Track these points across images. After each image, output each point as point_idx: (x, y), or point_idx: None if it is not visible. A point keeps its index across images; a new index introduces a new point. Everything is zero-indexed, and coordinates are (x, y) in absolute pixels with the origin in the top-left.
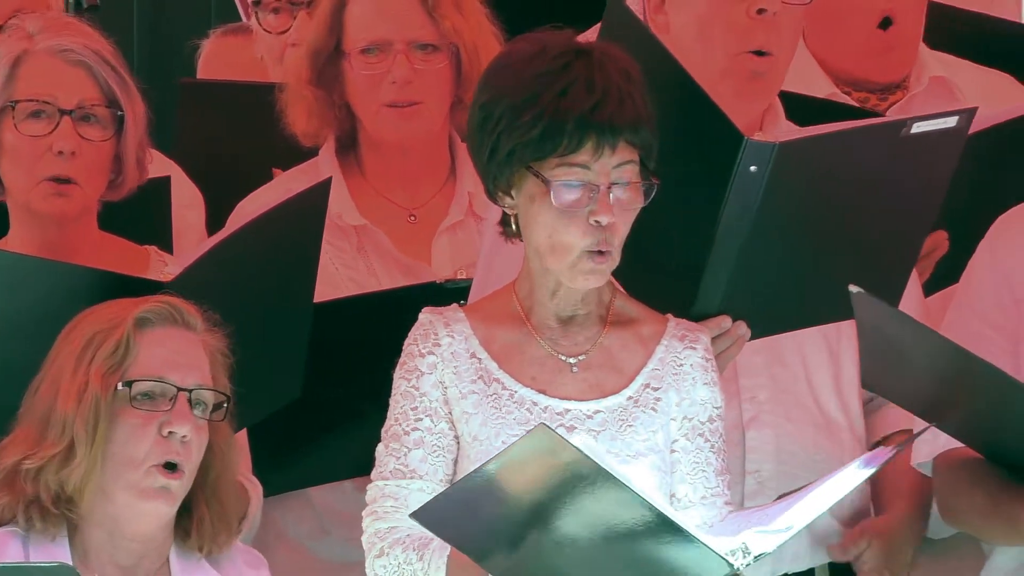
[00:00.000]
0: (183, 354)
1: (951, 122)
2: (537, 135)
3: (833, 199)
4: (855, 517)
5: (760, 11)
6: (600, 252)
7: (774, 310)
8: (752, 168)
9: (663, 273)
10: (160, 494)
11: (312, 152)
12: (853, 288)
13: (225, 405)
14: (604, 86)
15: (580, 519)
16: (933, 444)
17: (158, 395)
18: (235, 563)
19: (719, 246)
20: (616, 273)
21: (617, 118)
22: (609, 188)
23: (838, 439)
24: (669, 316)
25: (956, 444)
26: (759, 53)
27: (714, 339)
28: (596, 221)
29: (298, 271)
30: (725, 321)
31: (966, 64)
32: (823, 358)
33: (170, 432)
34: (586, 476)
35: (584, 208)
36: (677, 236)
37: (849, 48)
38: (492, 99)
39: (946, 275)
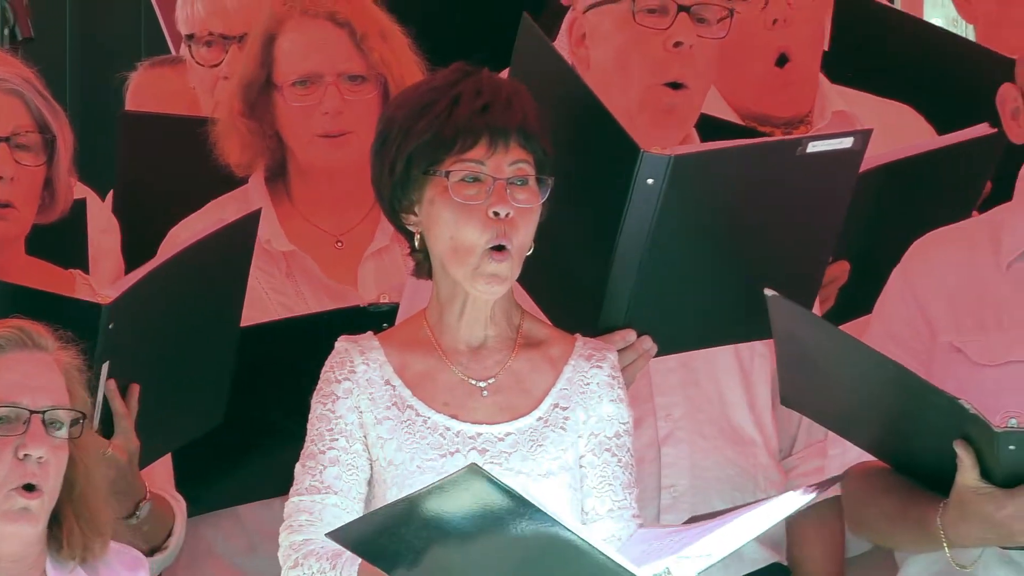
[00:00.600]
0: (35, 376)
1: (847, 143)
2: (431, 137)
3: (732, 215)
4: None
5: (676, 44)
6: (500, 248)
7: (681, 326)
8: (649, 180)
9: (570, 287)
10: (21, 516)
11: (244, 180)
12: (768, 291)
13: (82, 421)
14: (493, 92)
15: (501, 545)
16: (843, 458)
17: (12, 419)
18: (111, 566)
19: (620, 259)
20: (525, 287)
21: (507, 119)
22: (506, 183)
23: (751, 455)
24: (577, 336)
25: (867, 458)
26: (675, 85)
27: (620, 352)
28: (495, 213)
29: (227, 298)
30: (629, 335)
31: (866, 97)
32: (736, 377)
33: (26, 455)
34: (515, 512)
35: (482, 202)
36: (582, 250)
37: (749, 85)
38: (387, 124)
39: (850, 306)
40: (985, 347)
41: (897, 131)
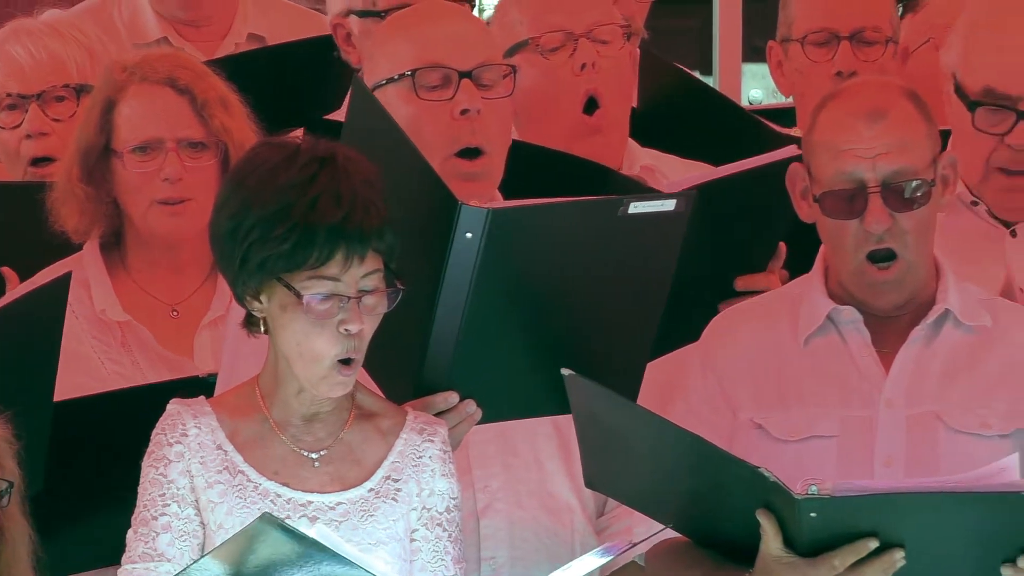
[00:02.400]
0: None
1: (670, 205)
2: (288, 248)
3: (555, 274)
4: None
5: (463, 112)
6: (348, 362)
7: (507, 392)
8: (468, 234)
9: (395, 348)
10: None
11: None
12: (565, 371)
13: (9, 492)
14: (351, 197)
15: None
16: (652, 526)
17: None
18: None
19: (442, 316)
20: None
21: (365, 227)
22: (359, 298)
23: (569, 522)
24: (408, 409)
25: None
26: (471, 153)
27: (443, 414)
28: (346, 330)
29: (38, 365)
30: (451, 396)
31: (669, 157)
32: (554, 443)
33: None
34: (309, 558)
35: (334, 318)
36: (406, 308)
37: (560, 134)
38: (241, 209)
39: (667, 334)
40: (786, 423)
41: None
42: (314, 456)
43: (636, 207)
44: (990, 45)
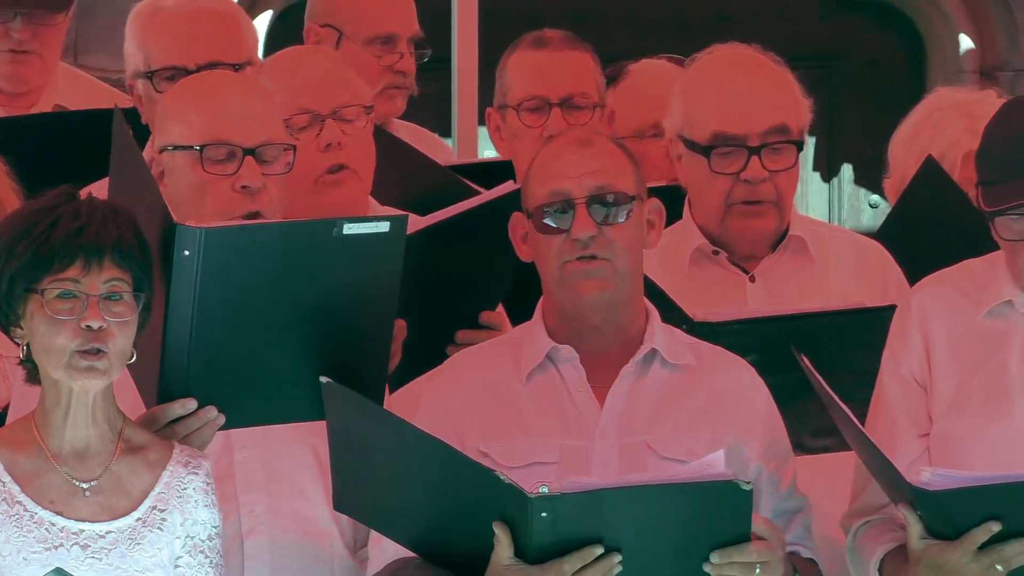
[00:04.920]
0: None
1: (384, 227)
2: (29, 258)
3: (279, 288)
4: None
5: (244, 187)
6: (95, 352)
7: (251, 399)
8: (185, 252)
9: (148, 357)
10: None
11: None
12: (324, 379)
13: None
14: (89, 213)
15: None
16: (382, 556)
17: None
18: None
19: (173, 327)
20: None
21: (101, 239)
22: (99, 299)
23: (328, 546)
24: (175, 443)
25: (404, 553)
26: (250, 217)
27: (183, 419)
28: (87, 326)
29: None
30: (189, 403)
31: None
32: (315, 472)
33: None
34: None
35: (75, 316)
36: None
37: (303, 195)
38: None
39: (414, 360)
40: (509, 451)
41: None
42: (85, 486)
43: (350, 228)
44: (711, 96)
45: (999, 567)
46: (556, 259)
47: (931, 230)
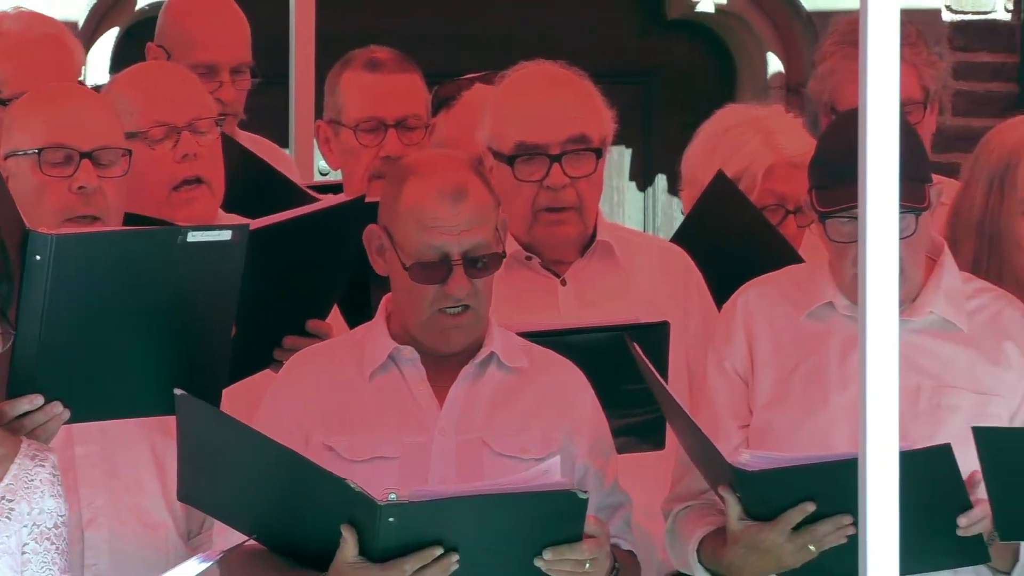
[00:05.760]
0: None
1: (226, 235)
2: None
3: (127, 292)
4: None
5: (80, 188)
6: None
7: (95, 395)
8: (37, 257)
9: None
10: None
11: None
12: (178, 391)
13: None
14: None
15: None
16: (227, 540)
17: None
18: None
19: (24, 328)
20: None
21: None
22: None
23: (164, 536)
24: (22, 438)
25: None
26: (85, 220)
27: (30, 414)
28: None
29: None
30: (36, 399)
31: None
32: (152, 468)
33: None
34: None
35: None
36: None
37: (157, 204)
38: None
39: (246, 359)
40: (353, 445)
41: None
42: None
43: (194, 236)
44: (515, 109)
45: (812, 547)
46: (428, 307)
47: (720, 239)
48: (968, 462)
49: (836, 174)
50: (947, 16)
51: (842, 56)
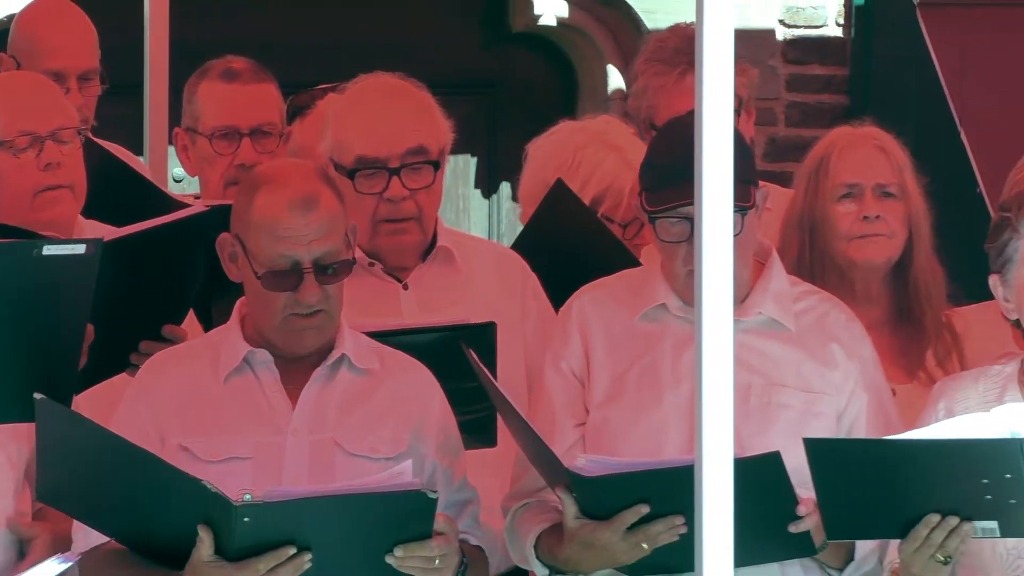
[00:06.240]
0: None
1: (80, 249)
2: None
3: None
4: None
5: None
6: None
7: None
8: None
9: None
10: None
11: None
12: (37, 395)
13: None
14: None
15: None
16: (87, 539)
17: None
18: None
19: None
20: None
21: None
22: None
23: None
24: None
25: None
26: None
27: None
28: None
29: None
30: None
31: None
32: (6, 470)
33: None
34: None
35: None
36: None
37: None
38: None
39: (100, 367)
40: (208, 446)
41: None
42: None
43: (50, 249)
44: (354, 124)
45: (645, 545)
46: (280, 312)
47: (560, 244)
48: (799, 457)
49: (664, 176)
50: (781, 30)
51: (652, 74)
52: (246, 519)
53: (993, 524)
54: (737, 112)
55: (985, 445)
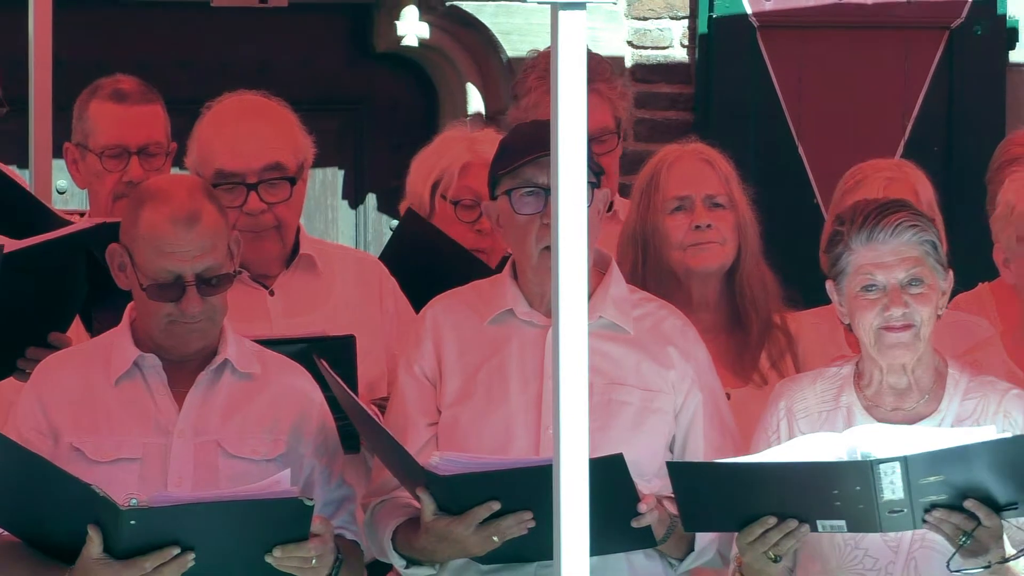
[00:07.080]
0: None
1: None
2: None
3: None
4: None
5: None
6: None
7: None
8: None
9: None
10: None
11: None
12: None
13: None
14: None
15: None
16: None
17: None
18: None
19: None
20: None
21: None
22: None
23: None
24: None
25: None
26: None
27: None
28: None
29: None
30: None
31: None
32: None
33: None
34: None
35: None
36: None
37: None
38: None
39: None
40: (98, 447)
41: None
42: None
43: None
44: (216, 140)
45: (495, 538)
46: (163, 319)
47: (417, 263)
48: (638, 451)
49: (511, 156)
50: (629, 51)
51: (544, 91)
52: (132, 522)
53: (841, 522)
54: (617, 134)
55: (839, 467)
